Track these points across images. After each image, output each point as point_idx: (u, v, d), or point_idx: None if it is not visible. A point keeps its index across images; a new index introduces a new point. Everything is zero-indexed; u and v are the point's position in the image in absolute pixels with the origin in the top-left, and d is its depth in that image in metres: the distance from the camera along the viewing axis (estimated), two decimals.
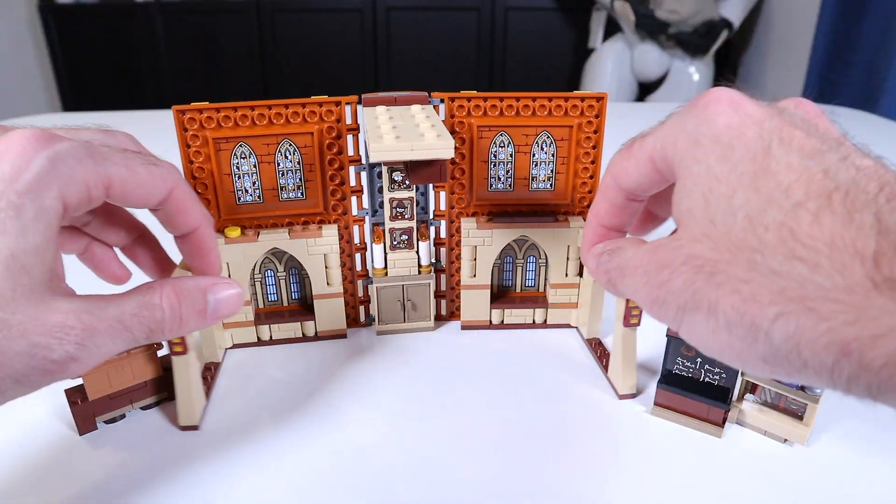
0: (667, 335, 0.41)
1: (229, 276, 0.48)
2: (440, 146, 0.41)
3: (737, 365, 0.26)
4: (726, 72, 2.57)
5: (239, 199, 0.47)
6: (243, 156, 0.46)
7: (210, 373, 0.46)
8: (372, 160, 0.42)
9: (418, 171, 0.43)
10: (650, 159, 0.30)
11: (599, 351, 0.49)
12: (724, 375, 0.41)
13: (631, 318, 0.43)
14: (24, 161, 0.27)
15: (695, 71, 2.40)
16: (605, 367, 0.48)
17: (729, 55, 2.56)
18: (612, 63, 2.49)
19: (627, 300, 0.43)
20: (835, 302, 0.22)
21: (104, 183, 0.30)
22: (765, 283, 0.23)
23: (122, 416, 0.42)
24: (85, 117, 1.20)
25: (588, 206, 0.50)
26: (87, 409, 0.41)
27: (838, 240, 0.22)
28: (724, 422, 0.41)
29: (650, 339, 0.46)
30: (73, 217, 0.30)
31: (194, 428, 0.42)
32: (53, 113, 2.44)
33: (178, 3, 2.85)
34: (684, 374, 0.42)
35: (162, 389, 0.43)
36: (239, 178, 0.47)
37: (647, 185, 0.32)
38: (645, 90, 2.57)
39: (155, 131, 1.00)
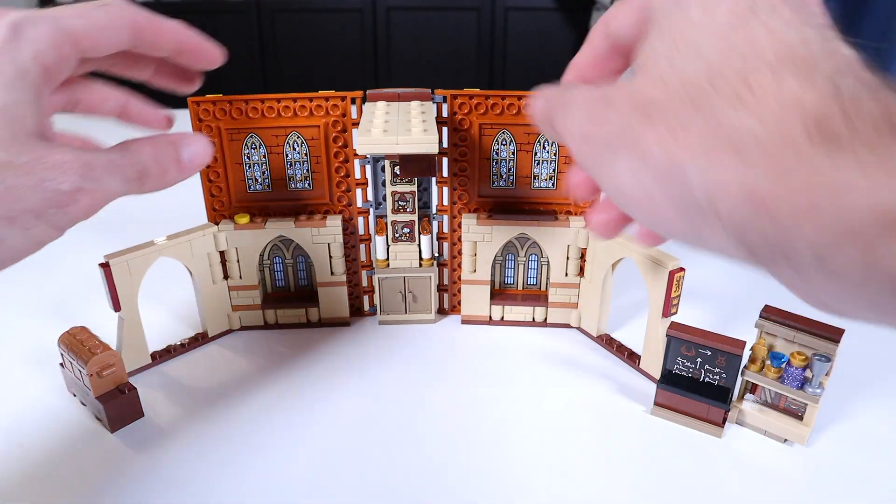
0: (667, 335, 0.42)
1: (238, 261, 0.49)
2: (425, 141, 0.42)
3: (649, 221, 0.25)
4: None
5: (249, 187, 0.49)
6: (254, 146, 0.48)
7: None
8: (358, 152, 0.44)
9: (408, 165, 0.44)
10: (640, 6, 0.29)
11: (616, 345, 0.51)
12: (724, 375, 0.41)
13: (671, 307, 0.44)
14: None
15: None
16: (629, 359, 0.49)
17: None
18: None
19: (668, 290, 0.44)
20: (766, 153, 0.21)
21: (69, 38, 0.31)
22: (700, 126, 0.23)
23: None
24: (84, 118, 1.20)
25: (590, 207, 0.51)
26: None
27: (789, 97, 0.22)
28: (724, 422, 0.41)
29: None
30: (56, 82, 0.32)
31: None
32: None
33: (178, 3, 2.86)
34: (684, 373, 0.43)
35: None
36: (249, 167, 0.48)
37: (633, 30, 0.30)
38: None
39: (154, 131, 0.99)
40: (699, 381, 0.42)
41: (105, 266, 0.43)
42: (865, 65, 0.24)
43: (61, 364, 0.44)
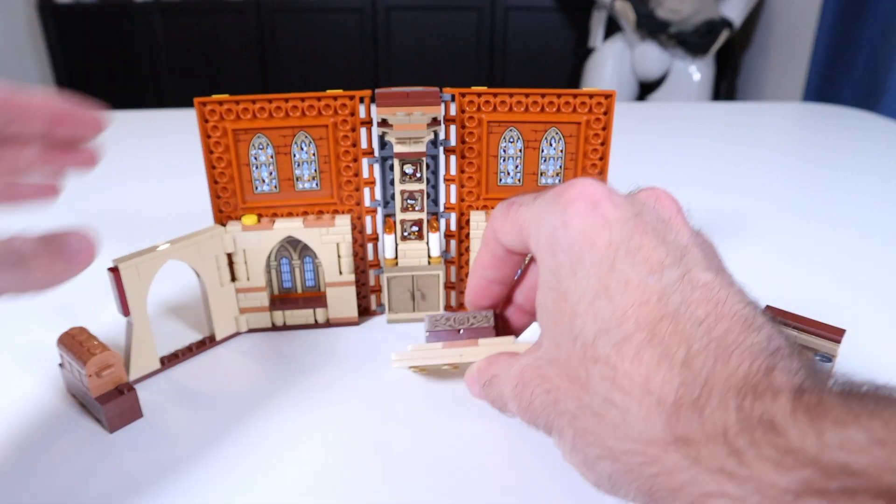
0: None
1: (245, 263, 0.49)
2: None
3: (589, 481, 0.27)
4: (727, 71, 2.58)
5: (256, 188, 0.49)
6: (261, 146, 0.47)
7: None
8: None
9: None
10: (520, 232, 0.32)
11: None
12: None
13: None
14: None
15: (695, 70, 2.42)
16: None
17: (730, 55, 2.58)
18: (612, 62, 2.51)
19: None
20: (639, 455, 0.23)
21: None
22: (589, 423, 0.25)
23: None
24: None
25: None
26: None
27: (648, 383, 0.23)
28: None
29: None
30: None
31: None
32: None
33: (178, 3, 2.86)
34: None
35: None
36: (256, 167, 0.48)
37: (519, 246, 0.33)
38: (645, 90, 2.58)
39: (155, 131, 1.00)
40: None
41: (114, 271, 0.43)
42: (721, 282, 0.26)
43: (60, 364, 0.44)
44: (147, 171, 0.96)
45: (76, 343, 0.41)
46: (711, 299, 0.25)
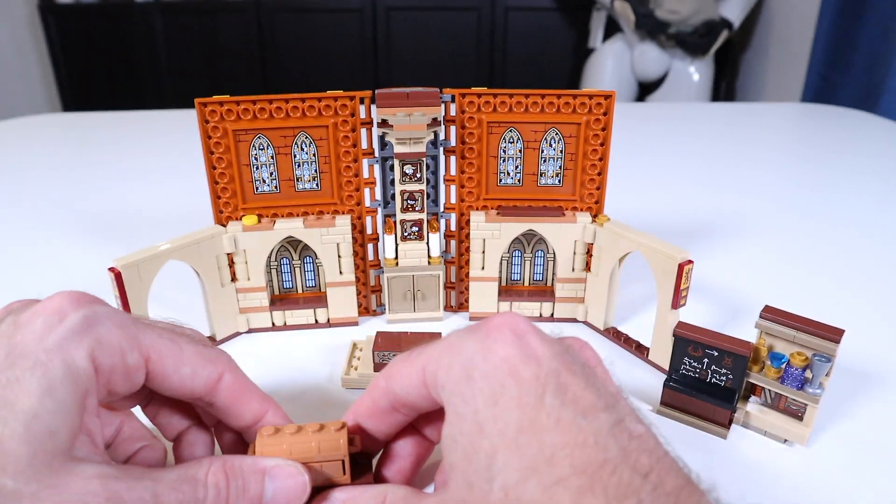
0: (674, 335, 0.42)
1: (246, 263, 0.49)
2: None
3: None
4: (726, 72, 2.58)
5: (257, 188, 0.49)
6: (261, 147, 0.47)
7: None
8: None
9: None
10: (423, 370, 0.28)
11: (623, 338, 0.51)
12: (730, 376, 0.41)
13: (680, 299, 0.44)
14: (58, 318, 0.25)
15: (695, 71, 2.42)
16: (637, 351, 0.49)
17: (729, 55, 2.58)
18: (612, 63, 2.51)
19: (677, 282, 0.44)
20: None
21: (142, 351, 0.27)
22: None
23: None
24: (84, 117, 1.20)
25: (596, 203, 0.51)
26: None
27: None
28: (729, 423, 0.41)
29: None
30: (114, 394, 0.28)
31: None
32: (53, 113, 2.45)
33: (178, 3, 2.86)
34: (691, 374, 0.42)
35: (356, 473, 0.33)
36: (257, 168, 0.48)
37: (414, 396, 0.29)
38: (645, 90, 2.58)
39: (155, 131, 1.01)
40: (706, 381, 0.42)
41: (115, 271, 0.43)
42: (653, 438, 0.23)
43: None
44: (147, 171, 0.96)
45: None
46: (651, 452, 0.23)
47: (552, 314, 0.54)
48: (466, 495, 0.23)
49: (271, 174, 0.49)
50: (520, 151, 0.50)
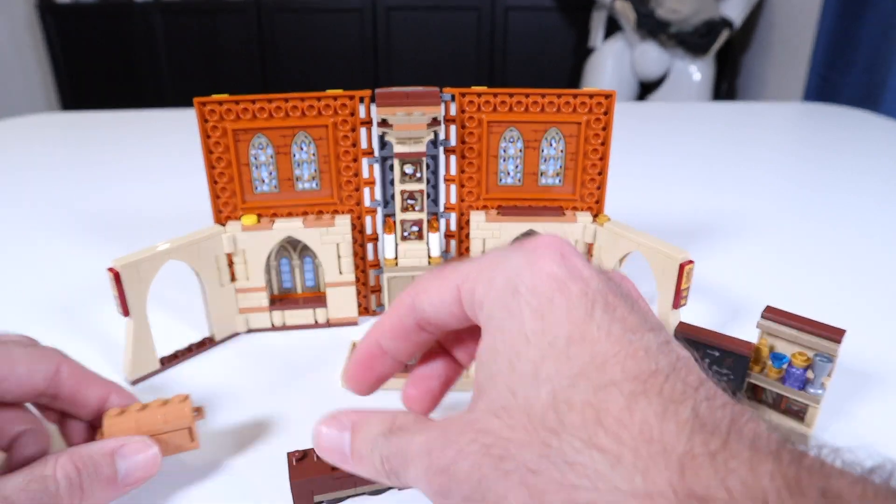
0: (674, 334, 0.42)
1: (245, 263, 0.49)
2: None
3: None
4: (727, 71, 2.58)
5: (256, 188, 0.49)
6: (261, 146, 0.47)
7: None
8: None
9: None
10: (458, 287, 0.27)
11: None
12: (731, 377, 0.41)
13: (681, 298, 0.44)
14: None
15: (695, 70, 2.42)
16: None
17: (730, 55, 2.58)
18: (612, 62, 2.51)
19: (678, 282, 0.44)
20: None
21: None
22: (555, 477, 0.20)
23: (343, 500, 0.36)
24: (84, 116, 1.20)
25: (596, 202, 0.51)
26: (307, 486, 0.35)
27: (648, 431, 0.20)
28: None
29: None
30: None
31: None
32: (52, 112, 2.45)
33: (178, 3, 2.86)
34: None
35: None
36: (256, 167, 0.48)
37: (445, 315, 0.28)
38: (645, 89, 2.58)
39: (155, 131, 1.01)
40: None
41: (113, 271, 0.43)
42: (703, 370, 0.22)
43: None
44: (147, 171, 0.96)
45: None
46: (697, 372, 0.22)
47: None
48: (509, 401, 0.22)
49: (271, 174, 0.49)
50: (520, 151, 0.50)
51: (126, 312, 0.44)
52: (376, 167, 0.50)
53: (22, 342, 0.32)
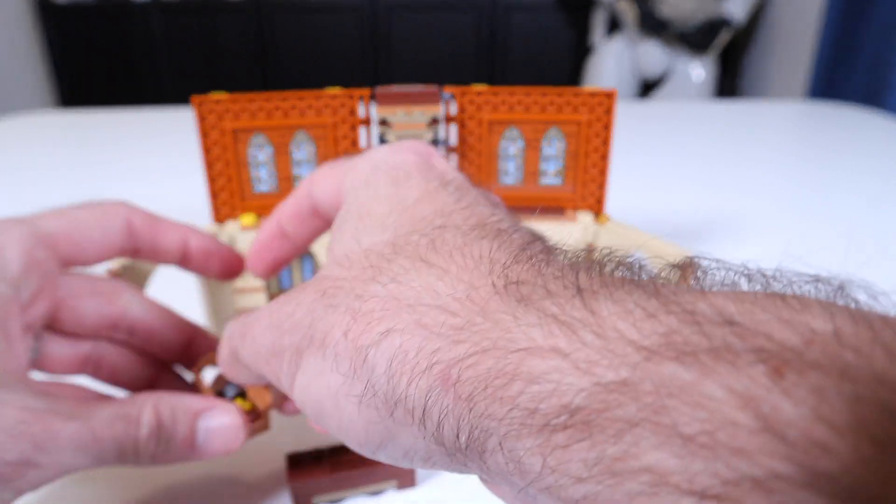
0: None
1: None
2: None
3: (338, 431, 0.20)
4: (729, 70, 2.58)
5: (255, 187, 0.48)
6: (259, 145, 0.47)
7: None
8: None
9: None
10: (341, 176, 0.28)
11: None
12: None
13: None
14: None
15: (697, 69, 2.41)
16: None
17: (731, 53, 2.57)
18: (613, 61, 2.50)
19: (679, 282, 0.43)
20: (448, 312, 0.17)
21: (47, 241, 0.27)
22: (380, 294, 0.19)
23: (341, 500, 0.36)
24: (83, 115, 1.20)
25: (597, 202, 0.51)
26: (305, 488, 0.34)
27: (478, 252, 0.20)
28: None
29: None
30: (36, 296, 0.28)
31: None
32: (52, 112, 2.45)
33: (178, 3, 2.86)
34: None
35: (395, 475, 0.35)
36: (255, 167, 0.48)
37: (331, 200, 0.28)
38: (647, 89, 2.58)
39: (154, 130, 1.01)
40: None
41: (113, 274, 0.42)
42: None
43: None
44: (146, 170, 0.95)
45: None
46: (544, 243, 0.23)
47: None
48: (352, 247, 0.23)
49: (270, 173, 0.48)
50: (520, 150, 0.50)
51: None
52: None
53: (84, 205, 0.31)
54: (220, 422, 0.28)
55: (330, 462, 0.34)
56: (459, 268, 0.19)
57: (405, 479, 0.35)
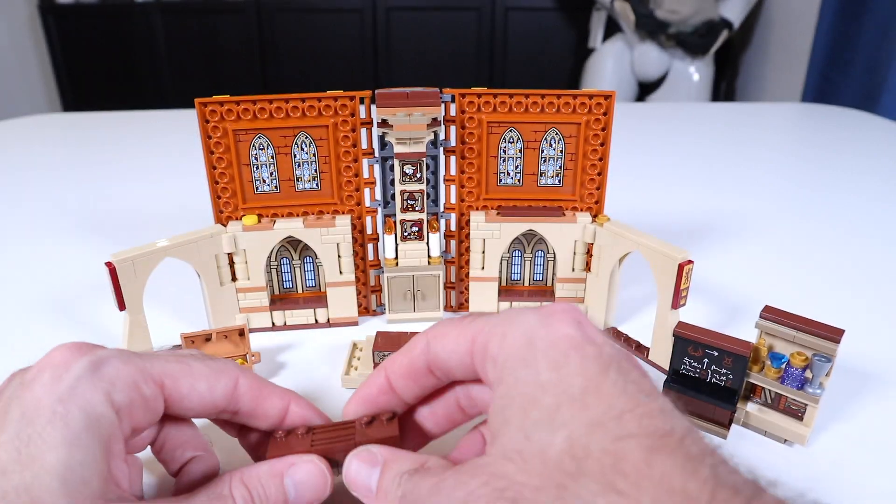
0: (674, 335, 0.42)
1: (246, 263, 0.49)
2: None
3: None
4: (726, 72, 2.58)
5: (257, 188, 0.49)
6: (261, 147, 0.48)
7: None
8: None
9: None
10: (473, 339, 0.27)
11: (623, 337, 0.51)
12: (730, 376, 0.41)
13: (680, 299, 0.45)
14: (65, 368, 0.26)
15: (695, 71, 2.42)
16: (637, 351, 0.49)
17: (729, 55, 2.58)
18: (612, 63, 2.51)
19: (677, 282, 0.44)
20: None
21: (155, 380, 0.28)
22: None
23: None
24: (84, 117, 1.20)
25: (596, 203, 0.51)
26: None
27: (668, 482, 0.20)
28: (729, 423, 0.41)
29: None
30: (138, 429, 0.28)
31: None
32: (53, 113, 2.45)
33: (178, 3, 2.86)
34: (691, 374, 0.42)
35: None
36: (257, 168, 0.48)
37: (455, 363, 0.28)
38: (645, 90, 2.58)
39: (155, 131, 1.00)
40: (706, 381, 0.42)
41: (110, 265, 0.43)
42: (708, 440, 0.23)
43: None
44: (147, 171, 0.96)
45: None
46: (709, 437, 0.23)
47: None
48: (523, 446, 0.22)
49: (271, 174, 0.49)
50: (520, 151, 0.50)
51: (122, 307, 0.44)
52: (376, 167, 0.50)
53: (199, 357, 0.31)
54: (306, 471, 0.29)
55: (310, 437, 0.32)
56: (653, 500, 0.19)
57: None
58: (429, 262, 0.52)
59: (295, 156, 0.48)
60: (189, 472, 0.31)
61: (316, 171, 0.49)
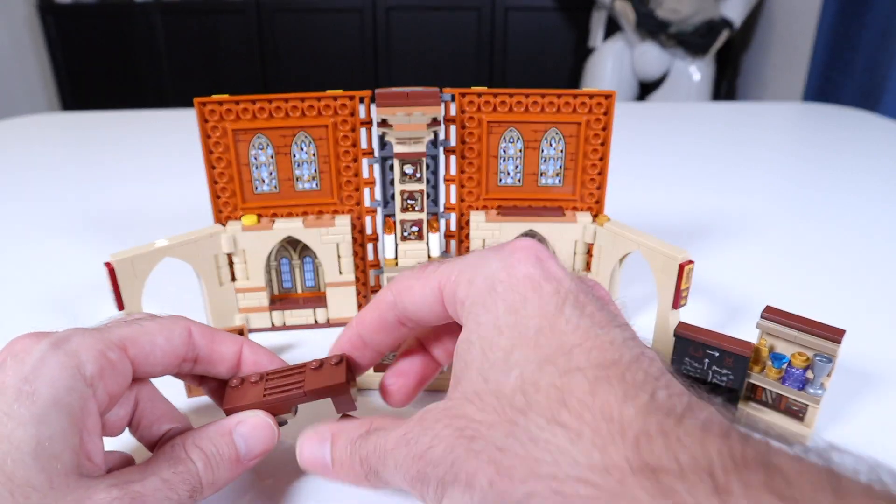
0: (675, 335, 0.42)
1: (245, 263, 0.49)
2: None
3: None
4: (727, 72, 2.58)
5: (256, 188, 0.49)
6: (261, 146, 0.47)
7: None
8: None
9: None
10: (439, 287, 0.29)
11: None
12: (731, 377, 0.41)
13: (681, 299, 0.44)
14: (27, 352, 0.26)
15: (695, 70, 2.42)
16: None
17: (730, 55, 2.58)
18: (612, 62, 2.51)
19: (678, 282, 0.44)
20: (586, 484, 0.20)
21: (117, 344, 0.29)
22: (520, 453, 0.22)
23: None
24: (84, 117, 1.20)
25: (596, 203, 0.51)
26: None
27: (608, 411, 0.21)
28: None
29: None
30: (115, 396, 0.29)
31: None
32: (52, 113, 2.45)
33: (178, 3, 2.86)
34: (691, 374, 0.42)
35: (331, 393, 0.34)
36: (256, 167, 0.48)
37: (426, 312, 0.30)
38: (645, 90, 2.58)
39: (155, 131, 1.00)
40: (706, 381, 0.42)
41: (108, 266, 0.43)
42: (666, 366, 0.24)
43: None
44: (147, 171, 0.96)
45: None
46: (659, 365, 0.24)
47: None
48: (481, 387, 0.24)
49: (271, 174, 0.49)
50: (520, 151, 0.50)
51: (121, 307, 0.44)
52: (376, 167, 0.50)
53: (147, 316, 0.32)
54: (252, 425, 0.31)
55: (263, 384, 0.34)
56: (592, 431, 0.21)
57: (343, 402, 0.34)
58: None
59: (294, 156, 0.48)
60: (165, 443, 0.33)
61: (315, 170, 0.49)
